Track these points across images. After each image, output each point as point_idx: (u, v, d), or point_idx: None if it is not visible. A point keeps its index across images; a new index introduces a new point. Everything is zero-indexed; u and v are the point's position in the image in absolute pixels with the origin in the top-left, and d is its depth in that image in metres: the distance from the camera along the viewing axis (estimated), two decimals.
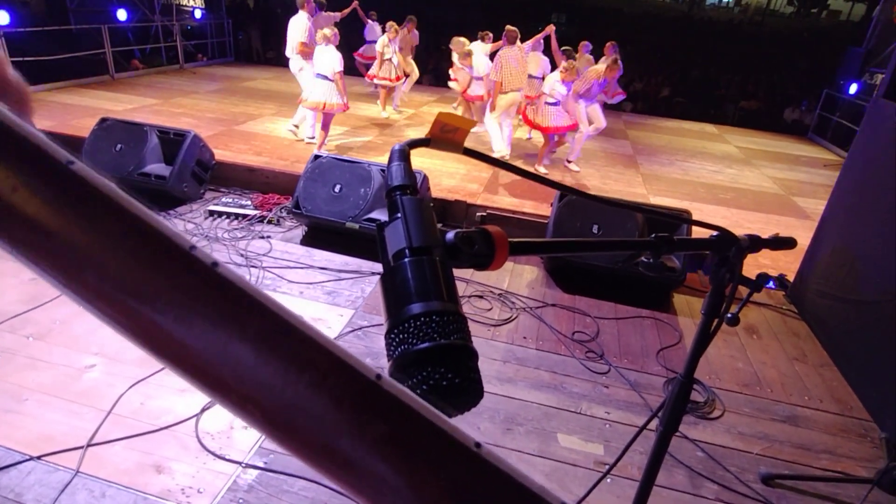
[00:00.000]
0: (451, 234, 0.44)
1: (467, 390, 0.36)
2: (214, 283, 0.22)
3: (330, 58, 5.46)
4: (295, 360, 0.22)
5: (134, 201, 0.21)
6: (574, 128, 5.84)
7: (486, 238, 0.46)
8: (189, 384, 0.22)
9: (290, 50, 6.12)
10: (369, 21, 9.10)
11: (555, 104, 5.61)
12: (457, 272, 0.42)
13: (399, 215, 0.42)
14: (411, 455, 0.22)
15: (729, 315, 0.92)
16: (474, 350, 0.38)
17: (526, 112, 5.98)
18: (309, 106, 5.65)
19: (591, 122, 6.12)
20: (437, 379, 0.35)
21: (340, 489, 0.23)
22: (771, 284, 4.17)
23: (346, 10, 8.34)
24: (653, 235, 0.70)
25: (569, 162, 6.26)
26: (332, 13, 7.85)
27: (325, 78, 5.52)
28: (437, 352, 0.36)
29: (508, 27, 5.84)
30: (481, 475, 0.23)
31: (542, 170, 5.94)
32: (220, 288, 0.22)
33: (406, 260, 0.39)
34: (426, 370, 0.35)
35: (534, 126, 5.95)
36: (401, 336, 0.37)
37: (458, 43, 6.94)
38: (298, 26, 6.00)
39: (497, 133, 6.10)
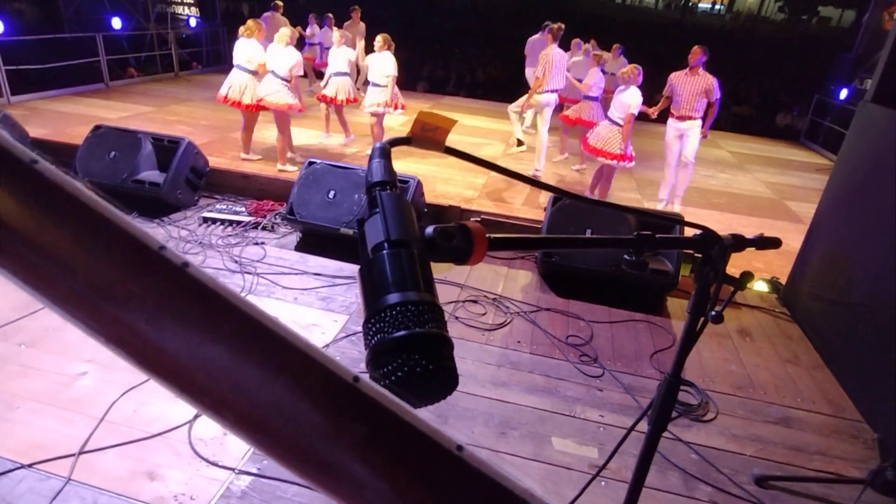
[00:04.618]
0: (429, 229, 0.45)
1: (441, 377, 0.37)
2: (186, 284, 0.21)
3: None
4: (271, 362, 0.21)
5: (102, 201, 0.21)
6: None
7: (465, 233, 0.47)
8: (164, 388, 0.21)
9: None
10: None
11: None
12: (451, 277, 0.43)
13: (378, 210, 0.43)
14: (391, 457, 0.22)
15: (713, 313, 0.93)
16: (449, 338, 0.38)
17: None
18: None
19: None
20: (411, 366, 0.36)
21: (321, 493, 0.22)
22: (761, 286, 4.21)
23: None
24: (635, 234, 0.71)
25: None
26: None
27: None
28: (412, 339, 0.36)
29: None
30: (464, 478, 0.22)
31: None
32: (191, 289, 0.21)
33: (384, 252, 0.40)
34: (401, 357, 0.36)
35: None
36: (377, 325, 0.37)
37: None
38: None
39: None
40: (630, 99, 4.88)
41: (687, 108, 5.07)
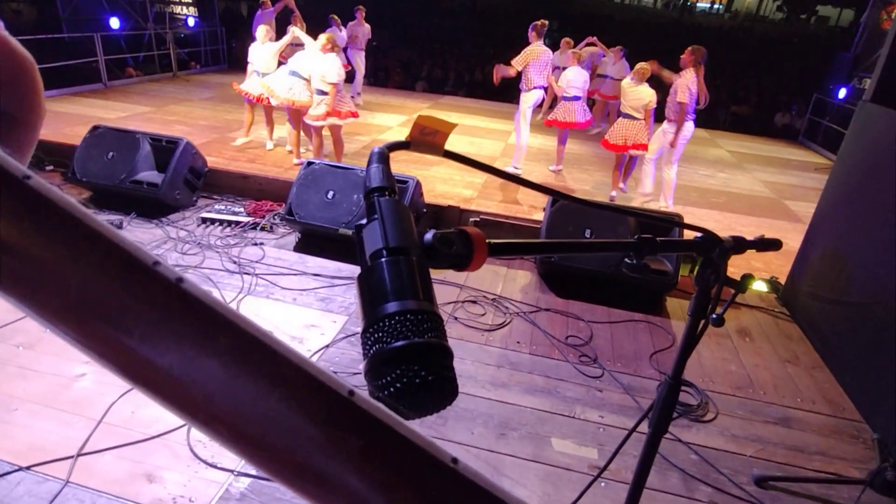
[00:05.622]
0: (429, 235, 0.44)
1: (441, 388, 0.36)
2: (180, 300, 0.21)
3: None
4: (265, 377, 0.21)
5: (95, 217, 0.21)
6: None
7: (465, 238, 0.47)
8: (157, 403, 0.21)
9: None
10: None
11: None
12: (450, 277, 0.42)
13: (376, 216, 0.42)
14: (387, 471, 0.22)
15: (713, 316, 0.92)
16: (449, 348, 0.38)
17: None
18: None
19: None
20: (410, 376, 0.35)
21: None
22: (761, 285, 4.21)
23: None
24: (636, 237, 0.71)
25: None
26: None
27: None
28: (412, 350, 0.36)
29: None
30: (459, 491, 0.22)
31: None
32: (185, 304, 0.21)
33: (382, 260, 0.40)
34: (400, 368, 0.35)
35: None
36: (376, 335, 0.37)
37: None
38: None
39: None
40: (650, 96, 5.09)
41: (667, 109, 5.11)
